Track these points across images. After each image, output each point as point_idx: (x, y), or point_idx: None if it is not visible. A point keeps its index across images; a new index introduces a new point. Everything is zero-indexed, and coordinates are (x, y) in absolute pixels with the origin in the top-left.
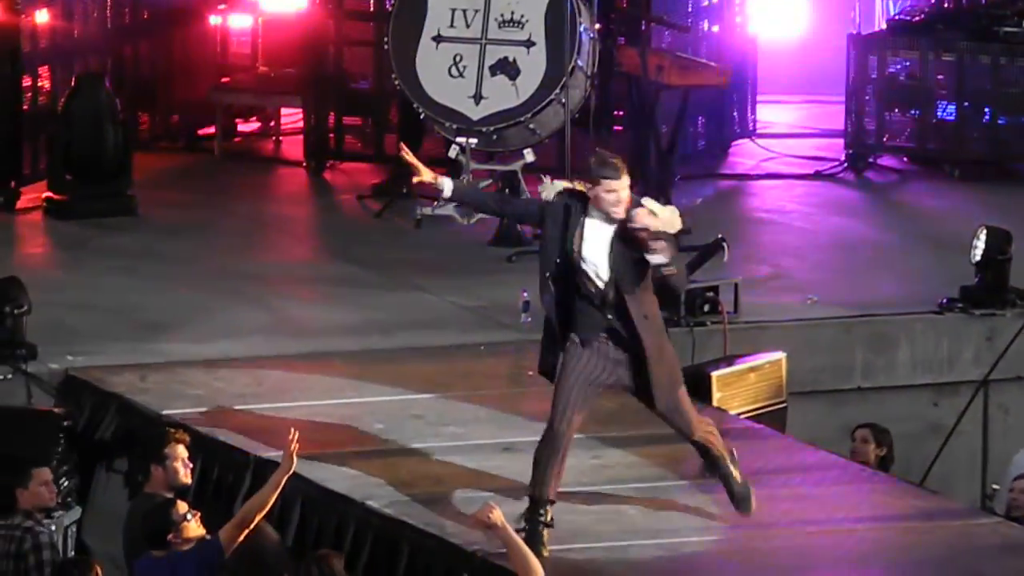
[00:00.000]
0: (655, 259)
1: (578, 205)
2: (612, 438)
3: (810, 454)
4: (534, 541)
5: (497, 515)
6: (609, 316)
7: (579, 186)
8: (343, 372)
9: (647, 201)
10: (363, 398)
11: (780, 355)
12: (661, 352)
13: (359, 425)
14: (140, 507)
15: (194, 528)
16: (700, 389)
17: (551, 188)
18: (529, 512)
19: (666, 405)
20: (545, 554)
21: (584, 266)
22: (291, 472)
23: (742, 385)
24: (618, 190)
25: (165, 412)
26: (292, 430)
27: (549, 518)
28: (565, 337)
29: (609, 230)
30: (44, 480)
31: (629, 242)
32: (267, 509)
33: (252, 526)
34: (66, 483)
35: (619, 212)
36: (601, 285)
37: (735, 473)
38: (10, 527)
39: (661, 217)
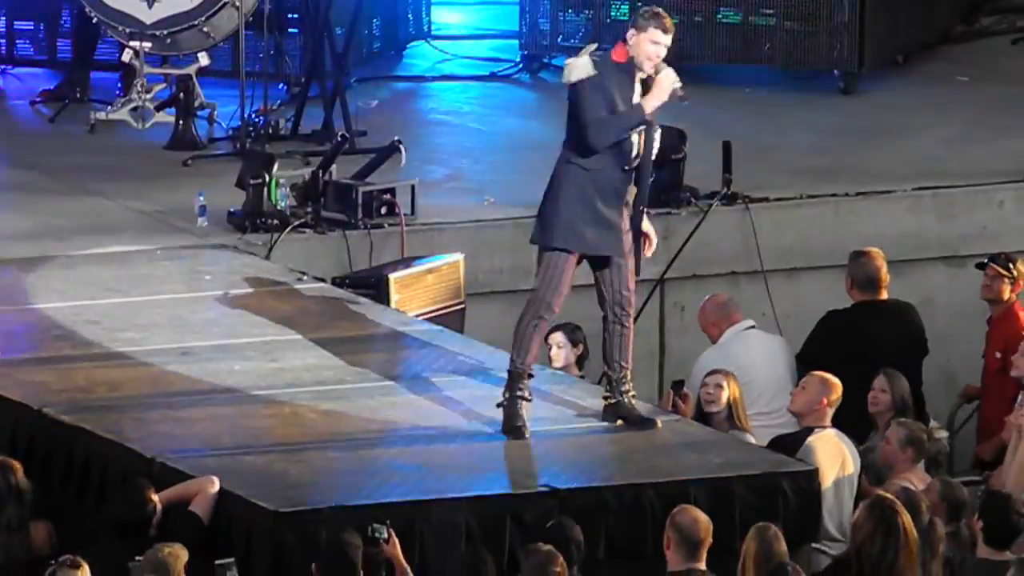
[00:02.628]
0: None
1: (611, 68)
2: (290, 341)
3: (490, 355)
4: (514, 414)
5: None
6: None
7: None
8: (18, 279)
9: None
10: (39, 304)
11: (458, 256)
12: None
13: (35, 332)
14: None
15: None
16: (379, 291)
17: (581, 63)
18: (510, 386)
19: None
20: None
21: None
22: None
23: (420, 287)
24: (662, 43)
25: None
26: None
27: (528, 393)
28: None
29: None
30: None
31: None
32: None
33: None
34: None
35: (650, 67)
36: (635, 149)
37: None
38: None
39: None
